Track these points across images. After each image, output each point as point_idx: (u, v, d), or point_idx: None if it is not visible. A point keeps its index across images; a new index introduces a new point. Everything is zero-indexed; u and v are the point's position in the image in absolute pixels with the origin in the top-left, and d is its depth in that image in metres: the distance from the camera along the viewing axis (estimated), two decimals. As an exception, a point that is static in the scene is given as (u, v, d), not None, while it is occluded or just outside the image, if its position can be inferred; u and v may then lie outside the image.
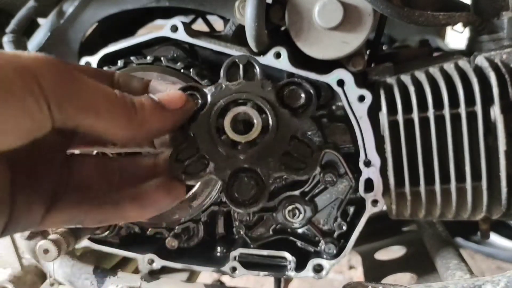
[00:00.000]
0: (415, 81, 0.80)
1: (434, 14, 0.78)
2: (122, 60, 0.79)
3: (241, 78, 0.64)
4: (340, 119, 0.89)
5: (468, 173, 0.78)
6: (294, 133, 0.63)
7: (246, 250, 0.92)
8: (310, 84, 0.64)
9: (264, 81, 0.63)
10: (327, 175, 0.87)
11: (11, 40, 0.93)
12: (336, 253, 0.89)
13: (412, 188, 0.81)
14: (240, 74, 0.64)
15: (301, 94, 0.64)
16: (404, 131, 0.79)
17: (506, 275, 0.82)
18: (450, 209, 0.83)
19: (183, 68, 0.77)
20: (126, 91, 0.57)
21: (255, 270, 0.92)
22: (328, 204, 0.90)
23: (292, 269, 0.90)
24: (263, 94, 0.63)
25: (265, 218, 0.93)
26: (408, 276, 1.28)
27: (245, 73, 0.64)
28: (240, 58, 0.64)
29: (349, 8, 0.77)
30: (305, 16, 0.78)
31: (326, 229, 0.91)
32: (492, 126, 0.76)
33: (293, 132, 0.63)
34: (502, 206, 0.80)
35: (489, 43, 0.83)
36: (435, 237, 1.16)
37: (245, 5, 0.78)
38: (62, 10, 0.98)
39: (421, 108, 0.78)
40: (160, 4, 0.93)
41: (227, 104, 0.62)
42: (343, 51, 0.79)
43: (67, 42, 0.98)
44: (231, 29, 0.90)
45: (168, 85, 0.66)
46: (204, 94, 0.64)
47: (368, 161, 0.82)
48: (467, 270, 0.95)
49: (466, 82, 0.77)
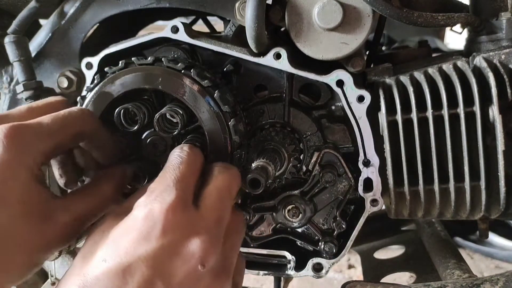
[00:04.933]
0: (414, 81, 0.80)
1: (433, 15, 0.79)
2: (123, 60, 0.80)
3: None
4: (340, 119, 0.89)
5: (467, 172, 0.79)
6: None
7: (246, 249, 0.92)
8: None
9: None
10: (326, 175, 0.87)
11: (12, 40, 0.93)
12: (336, 252, 0.89)
13: (411, 187, 0.82)
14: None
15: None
16: (403, 131, 0.79)
17: (504, 274, 0.82)
18: (449, 209, 0.83)
19: (184, 68, 0.77)
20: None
21: (255, 269, 0.92)
22: (327, 203, 0.90)
23: (292, 268, 0.91)
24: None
25: (265, 217, 0.93)
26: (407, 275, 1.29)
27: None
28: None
29: (348, 9, 0.77)
30: (304, 17, 0.79)
31: (325, 228, 0.91)
32: (490, 126, 0.77)
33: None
34: (501, 205, 0.80)
35: (487, 44, 0.84)
36: (434, 236, 1.17)
37: (245, 6, 0.79)
38: (63, 11, 0.99)
39: (420, 108, 0.78)
40: (160, 5, 0.93)
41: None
42: (343, 51, 0.79)
43: (68, 42, 0.99)
44: (231, 30, 0.91)
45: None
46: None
47: (367, 161, 0.83)
48: (466, 269, 0.96)
49: (464, 82, 0.78)
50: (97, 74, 0.83)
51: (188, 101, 0.76)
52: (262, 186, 0.73)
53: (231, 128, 0.77)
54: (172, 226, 0.58)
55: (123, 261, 0.56)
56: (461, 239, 2.35)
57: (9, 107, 1.04)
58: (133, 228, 0.59)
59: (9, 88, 1.05)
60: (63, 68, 1.00)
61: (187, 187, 0.64)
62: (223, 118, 0.77)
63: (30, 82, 0.93)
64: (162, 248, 0.57)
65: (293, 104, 0.88)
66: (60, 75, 0.98)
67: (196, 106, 0.76)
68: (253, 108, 0.89)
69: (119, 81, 0.78)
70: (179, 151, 0.69)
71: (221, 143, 0.77)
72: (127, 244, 0.57)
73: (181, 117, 0.74)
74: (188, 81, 0.76)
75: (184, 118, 0.75)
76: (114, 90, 0.78)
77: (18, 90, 0.94)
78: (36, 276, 1.15)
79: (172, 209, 0.59)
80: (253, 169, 0.77)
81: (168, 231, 0.58)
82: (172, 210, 0.59)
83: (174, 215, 0.59)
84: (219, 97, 0.77)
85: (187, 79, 0.77)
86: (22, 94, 0.93)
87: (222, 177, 0.69)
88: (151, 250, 0.57)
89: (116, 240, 0.59)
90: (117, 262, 0.56)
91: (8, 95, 1.05)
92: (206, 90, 0.77)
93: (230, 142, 0.77)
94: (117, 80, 0.78)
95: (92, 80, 0.85)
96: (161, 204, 0.59)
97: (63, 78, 0.98)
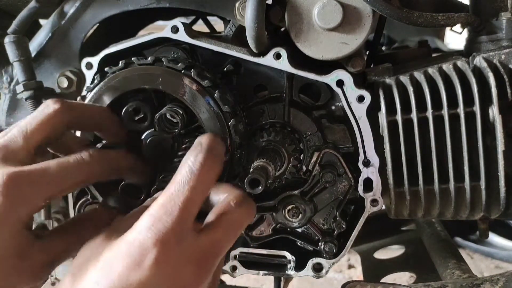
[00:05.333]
0: (414, 81, 0.80)
1: (433, 15, 0.79)
2: (123, 60, 0.80)
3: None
4: (340, 119, 0.89)
5: (467, 173, 0.79)
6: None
7: (246, 249, 0.92)
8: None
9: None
10: (326, 175, 0.87)
11: (12, 40, 0.93)
12: (336, 252, 0.89)
13: (411, 187, 0.82)
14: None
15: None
16: (403, 131, 0.79)
17: (504, 274, 0.83)
18: (449, 209, 0.83)
19: (184, 68, 0.77)
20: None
21: (255, 269, 0.92)
22: (327, 203, 0.90)
23: (292, 268, 0.91)
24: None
25: (265, 217, 0.93)
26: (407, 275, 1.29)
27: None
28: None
29: (348, 9, 0.77)
30: (304, 17, 0.79)
31: (325, 228, 0.91)
32: (490, 126, 0.77)
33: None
34: (501, 205, 0.80)
35: (487, 44, 0.84)
36: (434, 236, 1.17)
37: (245, 6, 0.79)
38: (63, 11, 0.99)
39: (420, 108, 0.78)
40: (160, 5, 0.93)
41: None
42: (343, 51, 0.79)
43: (68, 42, 0.99)
44: (231, 30, 0.91)
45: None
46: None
47: (367, 161, 0.83)
48: (466, 269, 0.96)
49: (464, 82, 0.78)
50: (97, 74, 0.83)
51: (188, 101, 0.76)
52: (262, 186, 0.73)
53: (231, 128, 0.77)
54: (165, 257, 0.57)
55: (116, 286, 0.56)
56: (461, 239, 2.35)
57: (9, 107, 1.04)
58: (127, 253, 0.58)
59: (9, 88, 1.05)
60: (63, 68, 1.00)
61: (189, 213, 0.61)
62: (223, 118, 0.77)
63: (30, 82, 0.93)
64: (154, 277, 0.57)
65: (293, 104, 0.88)
66: (60, 75, 0.98)
67: (196, 106, 0.76)
68: (253, 108, 0.89)
69: (119, 81, 0.78)
70: (192, 161, 0.63)
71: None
72: (120, 269, 0.57)
73: (181, 117, 0.74)
74: (188, 81, 0.77)
75: (184, 118, 0.75)
76: (114, 90, 0.78)
77: (18, 90, 0.94)
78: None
79: (167, 241, 0.58)
80: (253, 169, 0.77)
81: (161, 262, 0.57)
82: (167, 242, 0.58)
83: (168, 246, 0.58)
84: (219, 97, 0.77)
85: (187, 79, 0.77)
86: (22, 94, 0.93)
87: (240, 212, 0.65)
88: (144, 278, 0.56)
89: (109, 263, 0.58)
90: (110, 287, 0.56)
91: (8, 95, 1.05)
92: (206, 90, 0.77)
93: (230, 142, 0.77)
94: (117, 80, 0.78)
95: (92, 80, 0.85)
96: (157, 234, 0.58)
97: (63, 78, 0.98)
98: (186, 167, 0.62)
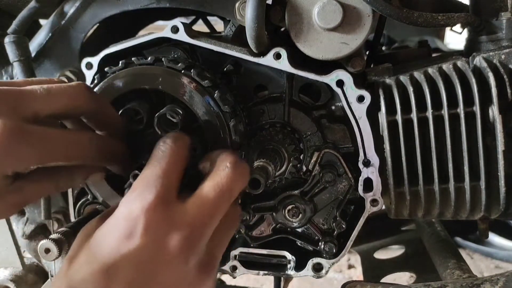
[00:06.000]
0: (414, 81, 0.80)
1: (433, 15, 0.79)
2: (123, 60, 0.80)
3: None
4: (340, 119, 0.89)
5: (467, 173, 0.79)
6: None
7: (246, 249, 0.92)
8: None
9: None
10: (326, 174, 0.87)
11: (12, 40, 0.94)
12: (336, 252, 0.89)
13: (411, 187, 0.82)
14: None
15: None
16: (403, 131, 0.79)
17: (504, 274, 0.82)
18: (449, 209, 0.83)
19: (184, 68, 0.77)
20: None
21: (255, 269, 0.92)
22: (327, 203, 0.90)
23: (292, 268, 0.91)
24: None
25: (265, 217, 0.93)
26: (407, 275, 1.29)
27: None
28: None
29: (348, 9, 0.77)
30: (304, 17, 0.79)
31: (325, 228, 0.91)
32: (490, 126, 0.77)
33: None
34: (501, 205, 0.80)
35: (487, 44, 0.84)
36: (434, 236, 1.17)
37: (245, 6, 0.79)
38: (63, 11, 0.99)
39: (420, 108, 0.78)
40: (160, 5, 0.93)
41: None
42: (343, 51, 0.79)
43: (68, 42, 0.99)
44: (231, 30, 0.91)
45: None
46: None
47: (368, 161, 0.83)
48: (466, 269, 0.96)
49: (464, 82, 0.78)
50: (97, 74, 0.83)
51: (188, 101, 0.76)
52: (262, 186, 0.73)
53: (231, 128, 0.77)
54: (153, 224, 0.59)
55: (107, 261, 0.57)
56: (461, 239, 2.35)
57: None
58: (116, 228, 0.59)
59: (9, 88, 1.05)
60: (63, 68, 1.00)
61: (169, 182, 0.63)
62: (223, 118, 0.77)
63: (30, 82, 0.93)
64: (145, 246, 0.58)
65: (293, 104, 0.88)
66: (60, 75, 0.99)
67: (196, 106, 0.76)
68: (253, 108, 0.89)
69: (119, 81, 0.78)
70: (162, 144, 0.68)
71: (221, 143, 0.77)
72: (111, 244, 0.58)
73: (181, 117, 0.74)
74: (188, 81, 0.77)
75: (184, 118, 0.75)
76: (114, 90, 0.78)
77: (18, 90, 0.94)
78: (36, 276, 1.15)
79: (153, 208, 0.59)
80: (253, 169, 0.77)
81: (150, 230, 0.58)
82: (153, 209, 0.59)
83: (155, 213, 0.59)
84: (219, 97, 0.77)
85: (187, 79, 0.77)
86: (22, 94, 0.93)
87: (226, 174, 0.66)
88: (134, 248, 0.57)
89: (99, 241, 0.60)
90: (101, 262, 0.57)
91: (8, 95, 1.04)
92: (206, 90, 0.77)
93: (230, 142, 0.77)
94: (117, 80, 0.78)
95: (92, 80, 0.86)
96: (142, 203, 0.59)
97: (63, 78, 0.98)
98: (156, 149, 0.68)
